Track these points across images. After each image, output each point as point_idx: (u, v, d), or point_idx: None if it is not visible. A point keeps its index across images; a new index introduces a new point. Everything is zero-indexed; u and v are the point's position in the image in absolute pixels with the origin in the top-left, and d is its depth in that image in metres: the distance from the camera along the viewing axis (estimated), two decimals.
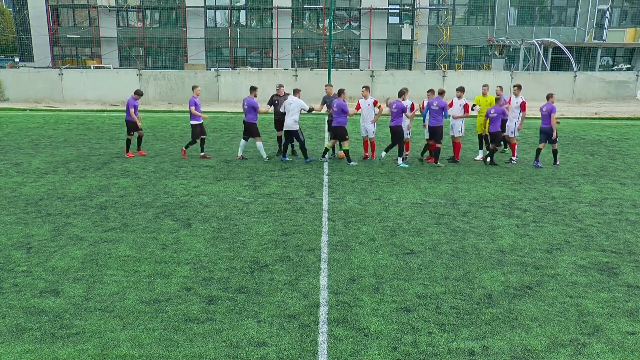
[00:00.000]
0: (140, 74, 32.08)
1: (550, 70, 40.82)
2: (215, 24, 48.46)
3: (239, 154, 16.69)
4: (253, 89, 16.61)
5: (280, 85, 17.20)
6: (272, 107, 17.12)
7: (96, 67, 40.67)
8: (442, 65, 46.53)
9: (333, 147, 16.72)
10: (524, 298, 7.72)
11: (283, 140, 16.72)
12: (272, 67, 46.22)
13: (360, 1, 47.17)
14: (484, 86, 16.95)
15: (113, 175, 14.36)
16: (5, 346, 6.35)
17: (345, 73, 34.16)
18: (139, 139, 17.29)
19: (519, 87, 17.33)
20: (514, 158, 16.60)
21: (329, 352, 6.32)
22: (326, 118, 18.21)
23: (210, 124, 23.62)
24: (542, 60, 41.37)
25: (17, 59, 51.21)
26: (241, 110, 17.22)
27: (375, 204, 12.08)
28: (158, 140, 19.78)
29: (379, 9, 46.63)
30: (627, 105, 32.03)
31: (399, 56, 48.61)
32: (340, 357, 6.23)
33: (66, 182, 13.67)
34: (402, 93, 15.93)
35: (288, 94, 16.87)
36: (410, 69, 45.92)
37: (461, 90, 16.54)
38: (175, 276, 8.26)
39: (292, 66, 44.87)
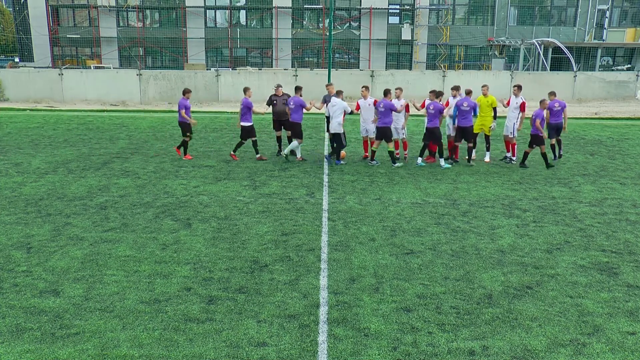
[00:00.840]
0: (140, 74, 32.08)
1: (550, 70, 40.81)
2: (215, 24, 48.46)
3: (298, 155, 16.42)
4: (298, 89, 16.45)
5: (279, 86, 17.16)
6: (271, 107, 17.08)
7: (96, 67, 40.68)
8: (442, 65, 46.53)
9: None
10: (524, 298, 7.72)
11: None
12: (272, 67, 46.22)
13: (360, 1, 47.16)
14: (483, 86, 16.92)
15: (113, 175, 14.36)
16: (5, 346, 6.35)
17: (345, 73, 34.16)
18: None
19: (519, 87, 17.30)
20: (513, 158, 16.59)
21: (329, 352, 6.32)
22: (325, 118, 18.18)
23: (210, 124, 23.65)
24: (542, 60, 41.36)
25: (17, 59, 51.22)
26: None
27: (375, 204, 12.08)
28: (158, 140, 19.78)
29: (379, 9, 46.63)
30: (627, 105, 32.03)
31: (399, 56, 48.60)
32: (340, 357, 6.23)
33: (66, 182, 13.67)
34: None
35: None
36: (410, 69, 45.92)
37: (456, 89, 16.53)
38: (175, 276, 8.26)
39: (292, 66, 44.88)
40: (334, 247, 9.49)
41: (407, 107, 16.19)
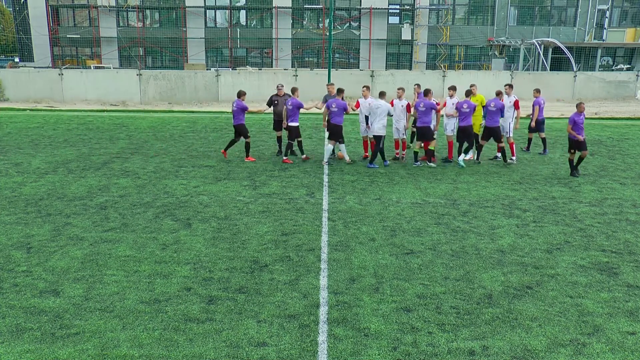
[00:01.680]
0: (140, 74, 32.08)
1: (550, 70, 40.81)
2: (215, 24, 48.46)
3: (345, 157, 16.13)
4: (340, 92, 16.35)
5: (281, 86, 17.14)
6: (272, 107, 17.07)
7: (96, 67, 40.68)
8: (442, 65, 46.54)
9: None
10: (524, 298, 7.72)
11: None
12: (272, 67, 46.22)
13: (360, 1, 47.17)
14: (471, 85, 16.92)
15: (113, 175, 14.36)
16: (5, 346, 6.35)
17: (345, 73, 34.15)
18: (232, 143, 16.68)
19: (511, 86, 17.59)
20: (513, 158, 16.58)
21: (329, 352, 6.32)
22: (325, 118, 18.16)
23: (210, 124, 23.64)
24: (542, 60, 41.36)
25: (17, 59, 51.22)
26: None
27: (375, 204, 12.08)
28: (158, 140, 19.78)
29: (379, 9, 46.64)
30: (627, 105, 32.03)
31: (399, 56, 48.60)
32: (340, 357, 6.23)
33: (66, 182, 13.67)
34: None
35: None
36: (410, 69, 45.92)
37: (453, 89, 16.53)
38: (175, 276, 8.26)
39: (292, 66, 44.88)
40: (334, 247, 9.49)
41: (407, 107, 16.16)
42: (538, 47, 41.68)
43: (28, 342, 6.43)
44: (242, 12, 48.91)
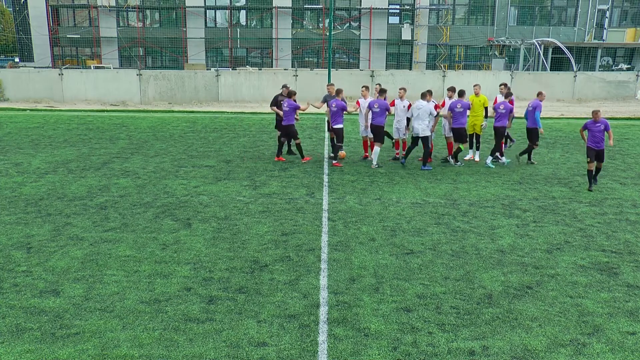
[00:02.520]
0: (140, 74, 32.09)
1: (551, 70, 40.80)
2: (215, 24, 48.46)
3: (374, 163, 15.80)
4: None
5: (287, 86, 17.06)
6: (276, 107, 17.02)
7: (96, 67, 40.68)
8: (442, 65, 46.53)
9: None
10: (524, 298, 7.72)
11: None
12: (272, 67, 46.22)
13: (360, 1, 47.16)
14: (475, 85, 16.84)
15: (113, 175, 14.36)
16: (5, 346, 6.35)
17: (345, 73, 34.15)
18: (282, 144, 16.75)
19: (506, 85, 17.15)
20: (502, 158, 16.36)
21: (329, 352, 6.32)
22: (326, 118, 18.14)
23: (210, 124, 23.63)
24: (542, 60, 41.36)
25: (17, 59, 51.21)
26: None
27: (375, 204, 12.08)
28: (158, 140, 19.78)
29: (379, 9, 46.64)
30: (627, 105, 32.03)
31: (399, 56, 48.60)
32: (340, 357, 6.23)
33: (66, 182, 13.67)
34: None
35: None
36: (410, 69, 45.91)
37: (452, 90, 16.46)
38: (175, 276, 8.26)
39: (292, 66, 44.88)
40: (334, 247, 9.49)
41: (409, 107, 16.13)
42: (538, 47, 41.68)
43: (28, 342, 6.42)
44: (242, 12, 48.90)
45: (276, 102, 16.87)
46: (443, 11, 47.77)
